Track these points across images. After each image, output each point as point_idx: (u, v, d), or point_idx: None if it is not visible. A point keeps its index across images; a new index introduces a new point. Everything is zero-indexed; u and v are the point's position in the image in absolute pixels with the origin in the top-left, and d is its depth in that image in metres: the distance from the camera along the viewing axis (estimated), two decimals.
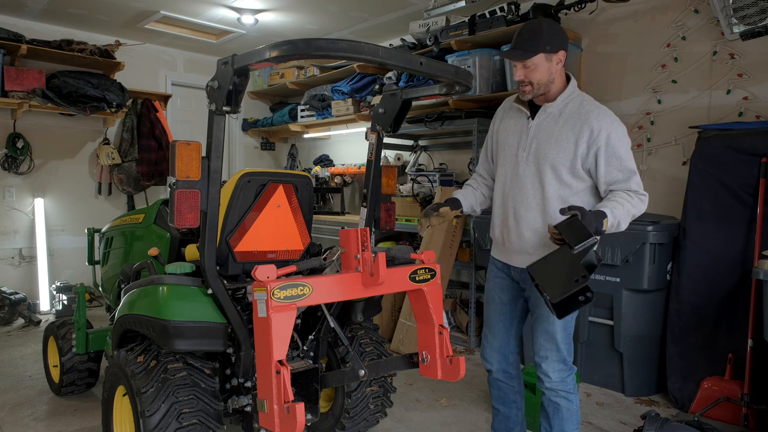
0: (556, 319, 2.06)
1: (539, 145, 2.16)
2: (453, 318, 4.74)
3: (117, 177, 5.88)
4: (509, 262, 2.33)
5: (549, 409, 2.27)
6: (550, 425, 2.28)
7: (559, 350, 2.22)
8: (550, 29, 2.08)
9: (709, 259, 3.27)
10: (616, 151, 2.06)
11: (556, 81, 2.13)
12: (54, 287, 5.29)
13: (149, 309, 2.13)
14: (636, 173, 2.09)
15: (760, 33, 3.13)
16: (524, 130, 2.22)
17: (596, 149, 2.06)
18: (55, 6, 5.00)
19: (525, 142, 2.20)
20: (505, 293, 2.37)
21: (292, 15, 5.21)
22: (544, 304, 2.13)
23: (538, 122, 2.18)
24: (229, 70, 1.90)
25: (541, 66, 2.08)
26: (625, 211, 2.02)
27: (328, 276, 1.99)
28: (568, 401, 2.24)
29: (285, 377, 1.73)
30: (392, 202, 2.67)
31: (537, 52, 2.05)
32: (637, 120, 3.98)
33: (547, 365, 2.23)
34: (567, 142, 2.10)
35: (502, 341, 2.41)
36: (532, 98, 2.19)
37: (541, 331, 2.24)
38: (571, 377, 2.26)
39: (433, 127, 4.57)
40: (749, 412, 2.96)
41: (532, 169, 2.18)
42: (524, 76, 2.10)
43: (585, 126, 2.07)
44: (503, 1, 4.25)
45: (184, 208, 1.92)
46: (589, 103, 2.14)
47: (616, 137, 2.06)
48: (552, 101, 2.16)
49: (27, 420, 3.04)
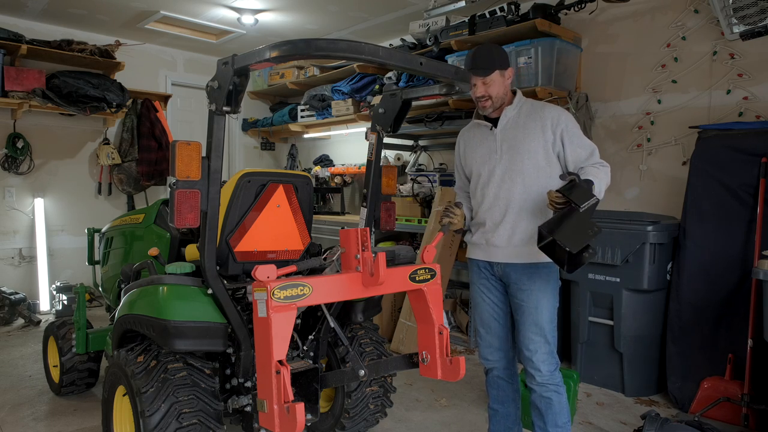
0: (545, 310, 2.24)
1: (511, 142, 2.33)
2: (453, 318, 4.74)
3: (117, 177, 5.88)
4: (491, 259, 2.38)
5: (541, 405, 2.29)
6: (543, 422, 2.29)
7: (548, 342, 2.27)
8: (499, 50, 2.36)
9: (709, 259, 3.27)
10: (575, 132, 2.30)
11: (507, 94, 2.40)
12: (54, 287, 5.29)
13: (149, 309, 2.13)
14: (595, 147, 2.31)
15: (760, 33, 3.13)
16: (491, 137, 2.39)
17: (560, 133, 2.28)
18: (55, 6, 5.00)
19: (495, 145, 2.37)
20: (492, 293, 2.43)
21: (292, 15, 5.21)
22: (532, 297, 2.26)
23: (503, 125, 2.37)
24: (229, 70, 1.90)
25: (497, 81, 2.32)
26: (601, 182, 2.19)
27: (328, 276, 1.99)
28: (558, 394, 2.28)
29: (285, 377, 1.73)
30: (392, 202, 2.67)
31: (494, 69, 2.30)
32: (637, 120, 3.98)
33: (538, 359, 2.26)
34: (534, 131, 2.30)
35: (502, 339, 2.43)
36: (490, 112, 2.38)
37: (529, 324, 2.27)
38: (558, 370, 2.30)
39: (433, 127, 4.57)
40: (749, 412, 2.96)
41: (509, 164, 2.32)
42: (484, 91, 2.32)
43: (545, 117, 2.31)
44: (503, 1, 4.25)
45: (184, 208, 1.92)
46: (538, 102, 2.41)
47: (571, 123, 2.31)
48: (509, 105, 2.38)
49: (27, 420, 3.04)
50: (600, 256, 3.39)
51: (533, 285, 2.28)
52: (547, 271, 2.29)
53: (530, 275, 2.28)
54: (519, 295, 2.31)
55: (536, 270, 2.28)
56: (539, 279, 2.28)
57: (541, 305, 2.27)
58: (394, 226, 2.67)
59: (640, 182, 3.98)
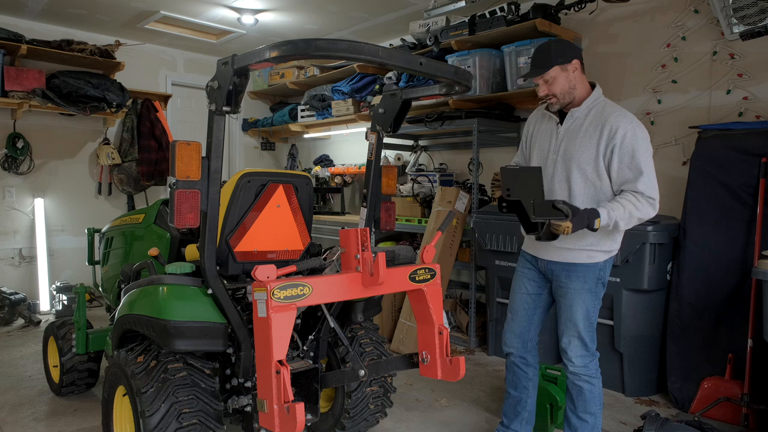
0: (579, 309, 2.35)
1: (567, 147, 2.33)
2: (453, 318, 4.74)
3: (117, 177, 5.88)
4: (538, 254, 2.48)
5: (573, 392, 2.45)
6: (574, 406, 2.45)
7: (581, 337, 2.38)
8: (558, 45, 2.30)
9: (709, 259, 3.27)
10: (630, 149, 2.19)
11: (578, 88, 2.31)
12: (54, 287, 5.29)
13: (149, 309, 2.13)
14: (647, 174, 2.18)
15: (760, 33, 3.13)
16: (554, 134, 2.40)
17: (612, 146, 2.21)
18: (55, 6, 5.00)
19: (554, 145, 2.38)
20: (532, 284, 2.54)
21: (292, 15, 5.21)
22: (567, 296, 2.39)
23: (566, 127, 2.35)
24: (229, 70, 1.90)
25: (559, 77, 2.27)
26: (626, 213, 2.15)
27: (328, 276, 2.00)
28: (590, 385, 2.41)
29: (285, 377, 1.73)
30: (392, 202, 2.67)
31: (551, 66, 2.25)
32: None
33: (571, 351, 2.40)
34: (590, 142, 2.26)
35: (522, 327, 2.57)
36: (560, 108, 2.36)
37: (564, 319, 2.41)
38: (593, 363, 2.42)
39: (433, 127, 4.57)
40: (749, 412, 2.96)
41: (560, 170, 2.34)
42: (547, 90, 2.30)
43: (606, 125, 2.23)
44: (503, 1, 4.25)
45: (184, 208, 1.92)
46: (611, 106, 2.31)
47: (632, 136, 2.19)
48: (578, 107, 2.32)
49: (27, 420, 3.04)
50: None
51: (570, 284, 2.38)
52: (584, 272, 2.35)
53: (568, 274, 2.38)
54: (558, 292, 2.44)
55: (574, 270, 2.36)
56: (577, 279, 2.36)
57: (576, 304, 2.37)
58: (394, 226, 2.67)
59: None
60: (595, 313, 2.41)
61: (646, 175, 2.17)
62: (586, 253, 2.33)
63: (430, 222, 4.43)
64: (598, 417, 2.44)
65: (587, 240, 2.30)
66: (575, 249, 2.32)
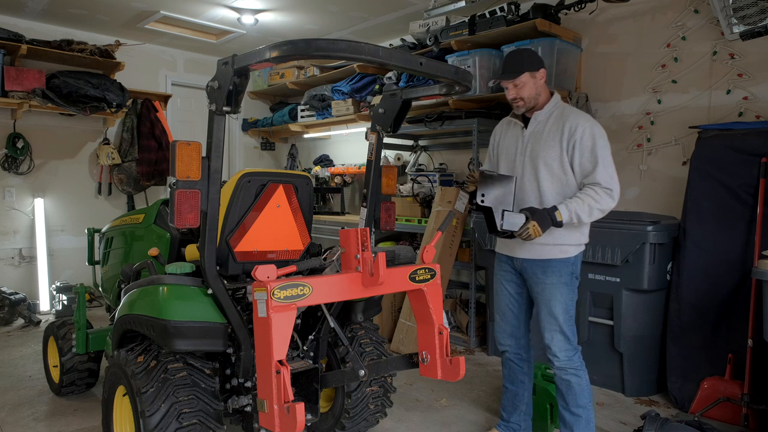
0: (558, 302, 2.45)
1: (533, 148, 2.49)
2: (453, 318, 4.74)
3: (117, 177, 5.88)
4: (512, 254, 2.60)
5: (562, 387, 2.51)
6: (566, 402, 2.51)
7: (563, 331, 2.47)
8: (530, 54, 2.49)
9: (709, 259, 3.27)
10: (590, 144, 2.37)
11: (542, 94, 2.51)
12: (54, 287, 5.29)
13: (149, 309, 2.13)
14: (603, 165, 2.34)
15: (760, 33, 3.13)
16: (520, 137, 2.57)
17: (574, 141, 2.39)
18: (55, 6, 5.00)
19: (521, 147, 2.54)
20: (512, 285, 2.65)
21: (292, 15, 5.21)
22: (545, 291, 2.48)
23: (531, 129, 2.53)
24: (229, 70, 1.90)
25: (528, 83, 2.45)
26: (585, 205, 2.32)
27: (328, 276, 2.00)
28: (578, 377, 2.48)
29: (285, 377, 1.73)
30: (392, 202, 2.67)
31: (522, 71, 2.43)
32: (637, 120, 3.98)
33: (555, 346, 2.48)
34: (554, 140, 2.44)
35: (513, 326, 2.68)
36: (524, 112, 2.54)
37: (545, 314, 2.50)
38: (577, 355, 2.50)
39: (433, 127, 4.57)
40: (749, 412, 2.96)
41: (529, 169, 2.49)
42: (516, 93, 2.47)
43: (566, 124, 2.42)
44: (503, 1, 4.25)
45: (184, 208, 1.92)
46: (569, 108, 2.50)
47: (590, 132, 2.38)
48: (540, 110, 2.51)
49: (27, 420, 3.04)
50: (600, 256, 3.39)
51: (547, 279, 2.48)
52: (559, 267, 2.47)
53: (544, 270, 2.48)
54: (535, 288, 2.53)
55: (549, 265, 2.47)
56: (552, 274, 2.47)
57: (554, 298, 2.47)
58: (394, 226, 2.68)
59: (640, 182, 3.98)
60: (573, 306, 2.50)
61: (603, 166, 2.34)
62: (559, 248, 2.45)
63: (430, 222, 4.44)
64: (590, 410, 2.51)
65: (558, 234, 2.43)
66: (548, 245, 2.44)
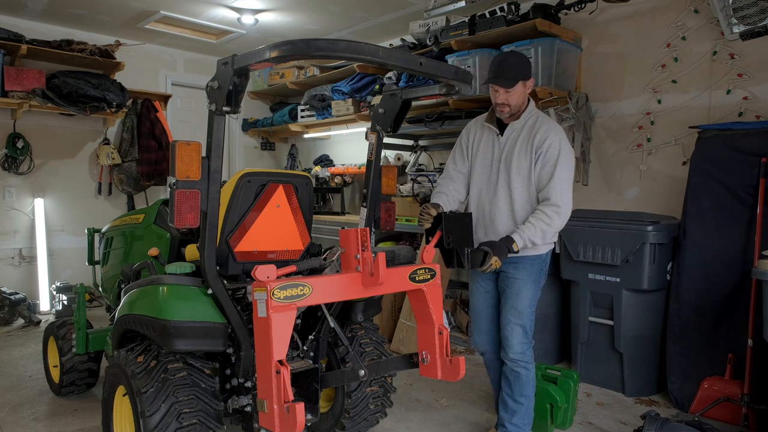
0: (524, 297, 2.53)
1: (507, 156, 2.54)
2: (453, 318, 4.74)
3: (117, 177, 5.88)
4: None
5: (511, 377, 2.59)
6: (511, 390, 2.60)
7: (523, 325, 2.55)
8: (526, 61, 2.50)
9: (709, 259, 3.27)
10: (554, 158, 2.42)
11: (525, 102, 2.54)
12: (54, 287, 5.29)
13: (149, 309, 2.13)
14: (560, 181, 2.40)
15: (760, 33, 3.13)
16: (495, 144, 2.61)
17: (540, 152, 2.45)
18: (55, 6, 5.00)
19: (497, 154, 2.59)
20: (487, 282, 2.71)
21: (292, 15, 5.21)
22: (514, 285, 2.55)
23: (507, 137, 2.56)
24: (229, 71, 1.90)
25: (518, 91, 2.46)
26: (538, 230, 2.39)
27: (328, 276, 2.00)
28: (527, 370, 2.58)
29: (285, 377, 1.73)
30: (392, 202, 2.67)
31: (518, 80, 2.43)
32: (637, 120, 3.98)
33: (513, 338, 2.55)
34: (526, 150, 2.49)
35: (487, 326, 2.72)
36: (506, 117, 2.55)
37: (509, 307, 2.56)
38: (530, 349, 2.59)
39: (433, 127, 4.57)
40: (749, 412, 2.96)
41: (503, 177, 2.55)
42: (505, 99, 2.47)
43: (537, 135, 2.47)
44: (503, 1, 4.25)
45: (184, 208, 1.92)
46: (543, 118, 2.54)
47: (558, 146, 2.42)
48: (517, 119, 2.54)
49: (27, 420, 3.04)
50: (600, 256, 3.39)
51: (518, 274, 2.55)
52: (531, 264, 2.55)
53: (516, 266, 2.55)
54: (505, 282, 2.59)
55: (522, 262, 2.54)
56: (524, 270, 2.54)
57: (522, 293, 2.54)
58: (394, 226, 2.68)
59: (640, 182, 3.98)
60: (535, 302, 2.59)
61: (558, 180, 2.40)
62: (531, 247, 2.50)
63: None
64: (531, 399, 2.63)
65: None
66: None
